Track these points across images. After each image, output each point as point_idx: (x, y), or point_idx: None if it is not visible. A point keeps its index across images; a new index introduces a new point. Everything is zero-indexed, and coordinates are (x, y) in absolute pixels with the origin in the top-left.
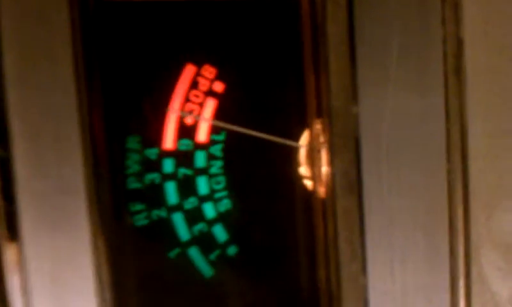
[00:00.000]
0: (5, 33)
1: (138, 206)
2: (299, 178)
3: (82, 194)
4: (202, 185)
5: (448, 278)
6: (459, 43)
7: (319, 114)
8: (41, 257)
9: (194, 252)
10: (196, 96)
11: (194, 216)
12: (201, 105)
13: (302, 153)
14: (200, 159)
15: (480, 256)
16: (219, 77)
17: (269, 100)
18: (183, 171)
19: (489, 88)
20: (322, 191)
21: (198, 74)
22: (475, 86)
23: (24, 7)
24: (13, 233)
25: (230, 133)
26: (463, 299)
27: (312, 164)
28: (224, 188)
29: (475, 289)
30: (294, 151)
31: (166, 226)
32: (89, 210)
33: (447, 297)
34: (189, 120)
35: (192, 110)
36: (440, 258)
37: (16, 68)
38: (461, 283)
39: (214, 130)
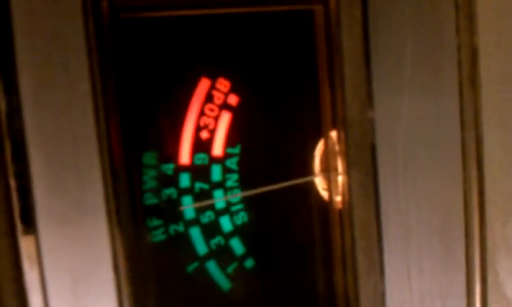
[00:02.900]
0: (20, 52)
1: (156, 222)
2: (315, 188)
3: (102, 213)
4: (219, 198)
5: (465, 285)
6: (474, 52)
7: (334, 124)
8: (62, 274)
9: (211, 266)
10: (211, 110)
11: (211, 230)
12: (216, 118)
13: (318, 164)
14: (216, 173)
15: (496, 263)
16: (233, 90)
17: (283, 111)
18: (199, 185)
19: (505, 96)
20: (338, 201)
21: (212, 87)
22: (490, 93)
23: (38, 25)
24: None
25: (245, 146)
26: (479, 306)
27: (328, 175)
28: (241, 201)
29: (491, 296)
30: (309, 162)
31: (183, 241)
32: (109, 227)
33: (463, 304)
34: (204, 134)
35: (208, 124)
36: (455, 265)
37: (32, 87)
38: (477, 290)
39: (229, 143)
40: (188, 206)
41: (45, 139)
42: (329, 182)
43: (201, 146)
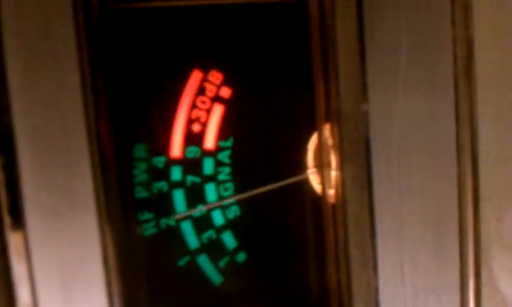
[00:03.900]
0: (9, 43)
1: (147, 215)
2: (309, 182)
3: (91, 206)
4: (210, 192)
5: (458, 280)
6: (469, 44)
7: (328, 118)
8: (51, 269)
9: (203, 260)
10: (203, 102)
11: (202, 224)
12: (208, 111)
13: (311, 157)
14: (208, 166)
15: (490, 258)
16: (225, 83)
17: (277, 104)
18: (191, 178)
19: (500, 89)
20: (332, 195)
21: (204, 80)
22: (486, 87)
23: (27, 16)
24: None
25: (237, 139)
26: (473, 301)
27: (321, 169)
28: (233, 195)
29: (485, 291)
30: (302, 155)
31: (174, 235)
32: (99, 221)
33: (457, 299)
34: (196, 127)
35: (200, 117)
36: (449, 261)
37: (21, 78)
38: (471, 285)
39: (221, 136)
40: (183, 214)
41: (34, 132)
42: (322, 176)
43: (193, 139)
